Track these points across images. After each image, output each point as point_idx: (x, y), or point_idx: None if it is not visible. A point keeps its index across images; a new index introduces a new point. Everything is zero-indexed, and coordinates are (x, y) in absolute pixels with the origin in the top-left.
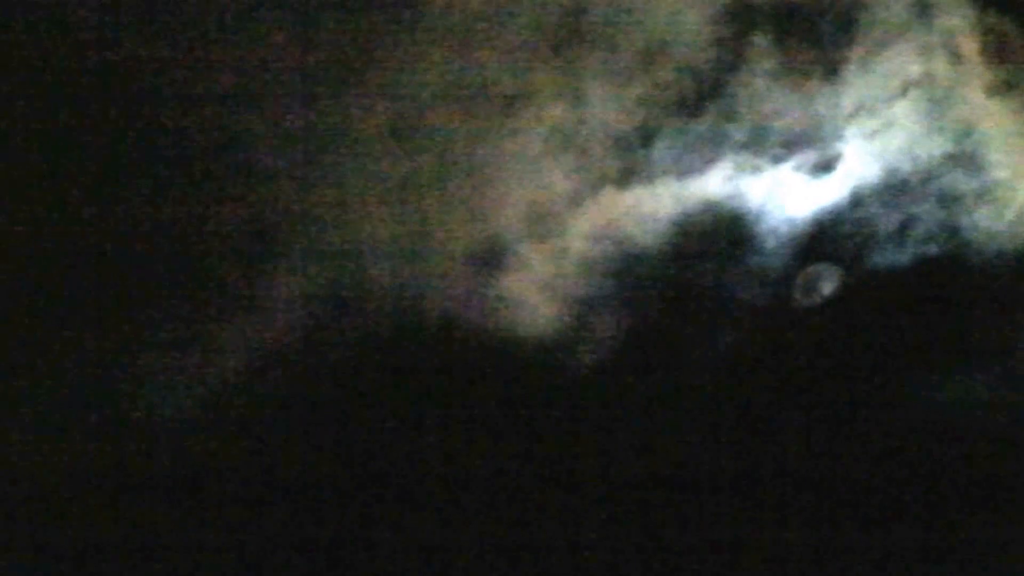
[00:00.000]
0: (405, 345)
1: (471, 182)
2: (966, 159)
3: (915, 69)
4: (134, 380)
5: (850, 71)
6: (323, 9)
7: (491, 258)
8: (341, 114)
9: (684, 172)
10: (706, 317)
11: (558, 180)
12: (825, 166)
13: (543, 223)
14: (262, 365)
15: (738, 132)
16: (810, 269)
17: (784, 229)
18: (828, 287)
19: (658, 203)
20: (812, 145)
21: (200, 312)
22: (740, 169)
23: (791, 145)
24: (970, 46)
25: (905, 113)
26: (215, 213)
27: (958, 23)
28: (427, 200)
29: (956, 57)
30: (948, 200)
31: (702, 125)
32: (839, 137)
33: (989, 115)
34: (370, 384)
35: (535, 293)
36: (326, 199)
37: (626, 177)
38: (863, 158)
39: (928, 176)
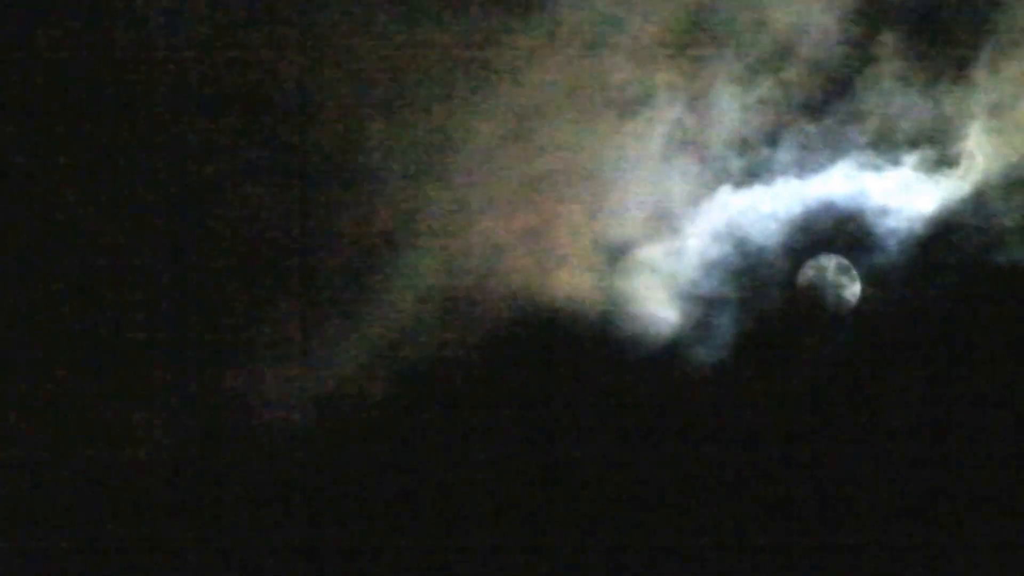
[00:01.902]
0: (523, 347)
1: (590, 184)
2: None
3: None
4: (250, 385)
5: (979, 71)
6: (444, 10)
7: (610, 259)
8: (461, 118)
9: (805, 171)
10: (825, 317)
11: (677, 181)
12: (949, 165)
13: (662, 223)
14: (378, 369)
15: (862, 131)
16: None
17: (905, 228)
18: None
19: (778, 202)
20: (937, 144)
21: (316, 317)
22: (862, 168)
23: (915, 144)
24: None
25: None
26: (333, 218)
27: None
28: (546, 203)
29: None
30: None
31: (826, 124)
32: (964, 136)
33: None
34: (488, 386)
35: (654, 293)
36: (444, 203)
37: (746, 177)
38: (988, 158)
39: None
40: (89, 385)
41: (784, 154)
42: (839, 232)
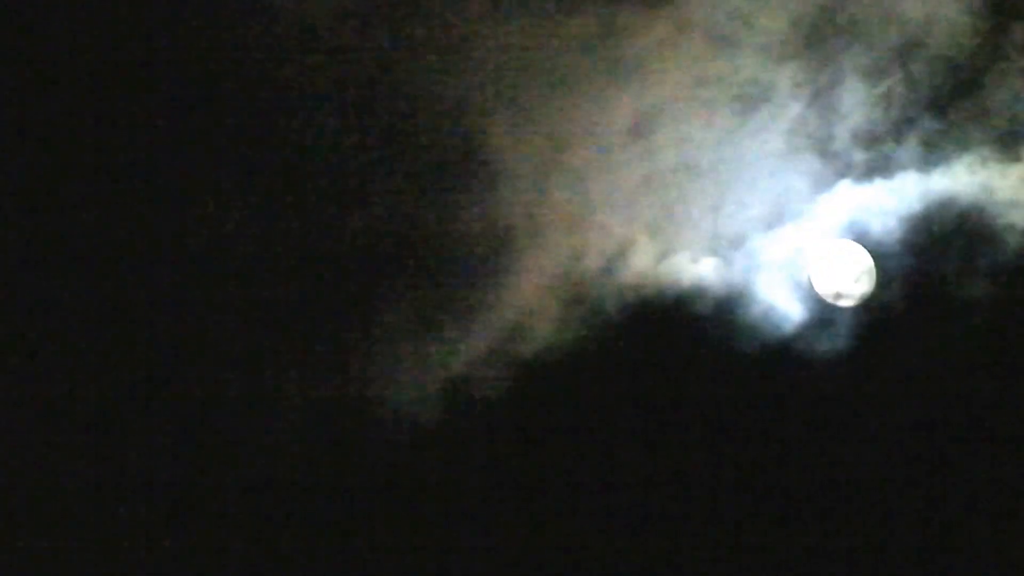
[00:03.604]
0: (643, 338)
1: (711, 179)
2: None
3: None
4: (375, 376)
5: None
6: (571, 4)
7: (730, 252)
8: (583, 115)
9: (928, 166)
10: (947, 312)
11: (798, 175)
12: None
13: (782, 217)
14: (501, 359)
15: (988, 126)
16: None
17: None
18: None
19: (899, 198)
20: None
21: (440, 309)
22: (984, 164)
23: None
24: None
25: None
26: (457, 213)
27: None
28: (667, 198)
29: None
30: None
31: (951, 119)
32: None
33: None
34: (608, 376)
35: (773, 286)
36: (567, 198)
37: (868, 172)
38: None
39: None
40: (224, 377)
41: (907, 149)
42: (961, 228)
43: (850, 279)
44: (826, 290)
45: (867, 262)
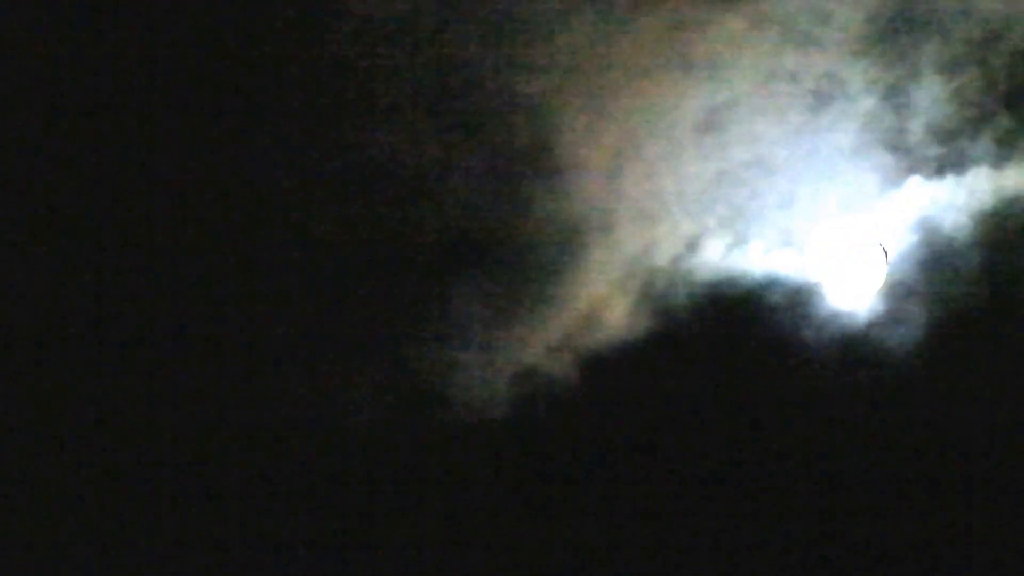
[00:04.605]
0: (715, 332)
1: (782, 175)
2: None
3: None
4: (452, 366)
5: None
6: (643, 2)
7: (800, 248)
8: (656, 110)
9: (1001, 162)
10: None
11: (869, 171)
12: None
13: (851, 213)
14: (571, 352)
15: None
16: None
17: None
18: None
19: (971, 194)
20: None
21: (513, 302)
22: None
23: None
24: None
25: None
26: (531, 208)
27: None
28: (737, 193)
29: None
30: None
31: None
32: None
33: None
34: (677, 369)
35: (845, 280)
36: (639, 194)
37: (940, 167)
38: None
39: None
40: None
41: (980, 145)
42: None
43: (922, 274)
44: (898, 285)
45: (940, 257)
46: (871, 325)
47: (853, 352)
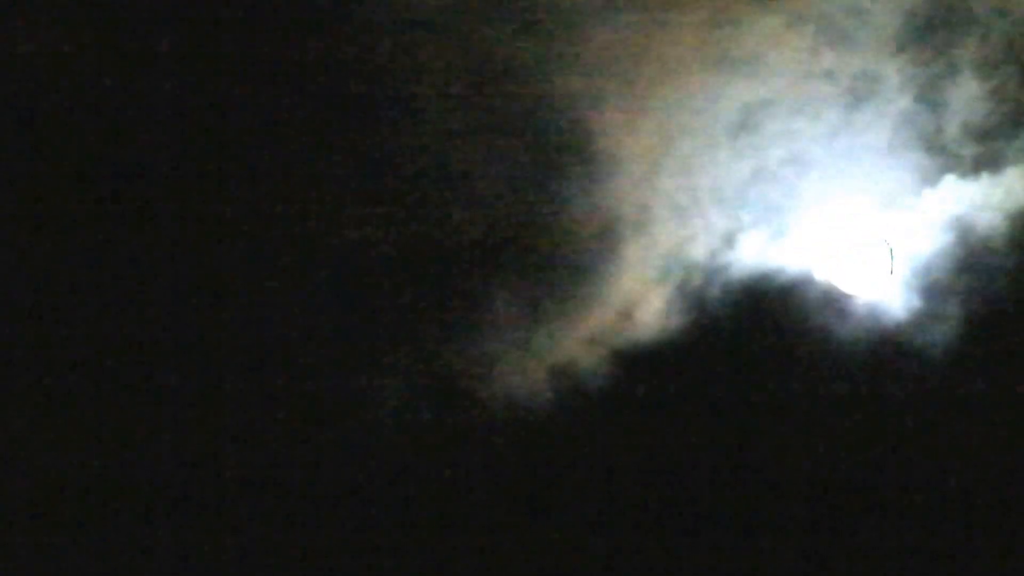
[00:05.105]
0: (751, 330)
1: (818, 173)
2: None
3: None
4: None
5: None
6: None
7: (836, 246)
8: (693, 107)
9: None
10: None
11: (904, 170)
12: None
13: (885, 212)
14: (606, 348)
15: None
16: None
17: None
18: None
19: (1007, 193)
20: None
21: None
22: None
23: None
24: None
25: None
26: (567, 204)
27: None
28: (775, 191)
29: None
30: None
31: None
32: None
33: None
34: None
35: (880, 279)
36: (674, 190)
37: (975, 167)
38: None
39: None
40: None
41: (1017, 143)
42: None
43: (958, 274)
44: (934, 284)
45: (976, 257)
46: (907, 324)
47: (890, 350)
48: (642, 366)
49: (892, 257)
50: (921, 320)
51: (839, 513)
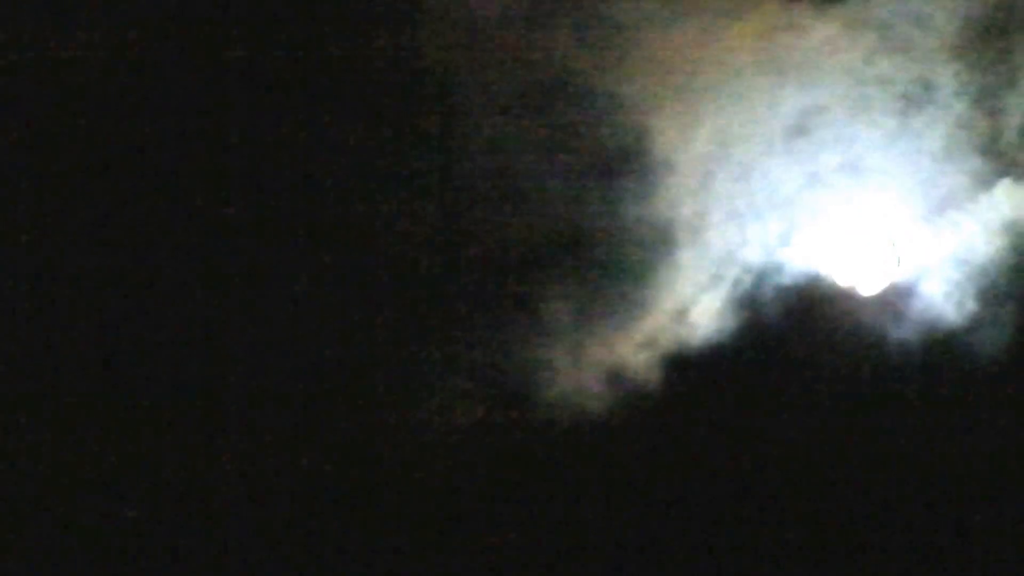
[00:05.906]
0: (803, 335)
1: (872, 178)
2: None
3: None
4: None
5: None
6: (739, 4)
7: (889, 251)
8: (748, 112)
9: None
10: None
11: (957, 174)
12: None
13: (940, 217)
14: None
15: None
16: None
17: None
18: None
19: None
20: None
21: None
22: None
23: None
24: None
25: None
26: (622, 209)
27: None
28: (827, 197)
29: None
30: None
31: None
32: None
33: None
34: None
35: (933, 284)
36: (726, 196)
37: None
38: None
39: None
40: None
41: None
42: None
43: (1010, 279)
44: (986, 289)
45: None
46: (963, 328)
47: (946, 355)
48: (695, 367)
49: (897, 258)
50: (978, 324)
51: (910, 516)
